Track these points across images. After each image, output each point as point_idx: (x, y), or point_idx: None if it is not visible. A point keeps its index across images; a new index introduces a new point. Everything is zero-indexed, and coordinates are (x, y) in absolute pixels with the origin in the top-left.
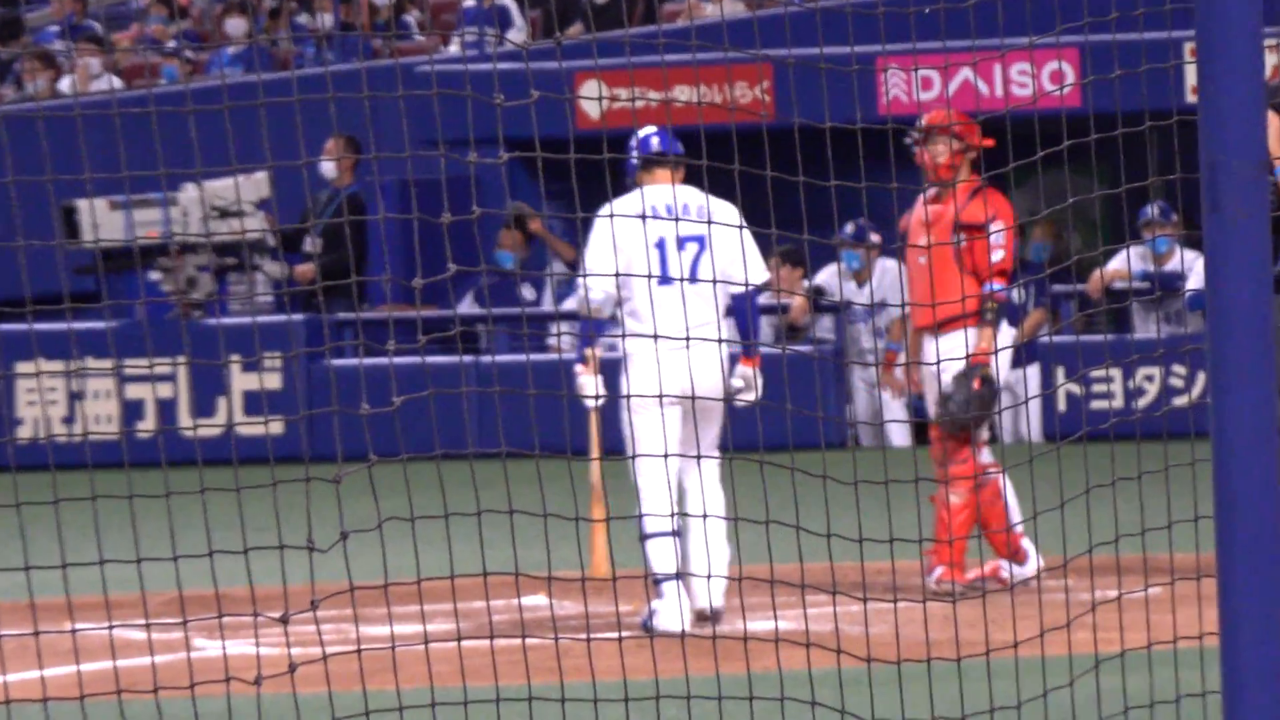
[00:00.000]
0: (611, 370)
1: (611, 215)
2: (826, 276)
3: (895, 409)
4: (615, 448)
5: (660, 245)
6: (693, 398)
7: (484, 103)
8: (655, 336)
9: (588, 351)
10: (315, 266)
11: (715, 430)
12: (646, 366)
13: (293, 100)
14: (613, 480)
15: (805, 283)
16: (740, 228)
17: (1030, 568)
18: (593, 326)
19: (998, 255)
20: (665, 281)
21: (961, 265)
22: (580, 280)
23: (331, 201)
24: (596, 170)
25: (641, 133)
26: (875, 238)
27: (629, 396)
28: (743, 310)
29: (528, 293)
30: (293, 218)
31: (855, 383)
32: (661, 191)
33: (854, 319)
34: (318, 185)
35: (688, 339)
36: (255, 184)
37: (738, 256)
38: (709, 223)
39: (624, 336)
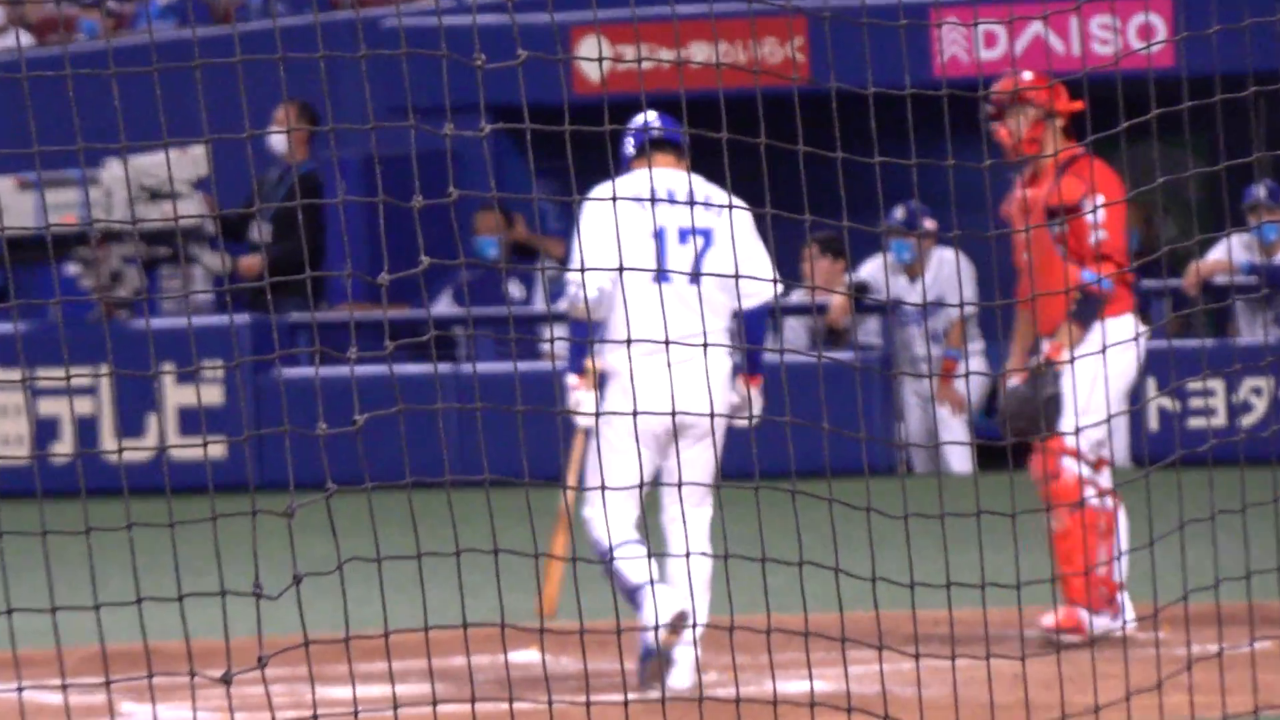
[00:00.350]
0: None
1: (614, 197)
2: (872, 270)
3: (955, 427)
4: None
5: (659, 235)
6: (710, 413)
7: (462, 64)
8: (667, 341)
9: (586, 363)
10: (263, 258)
11: (708, 465)
12: (634, 384)
13: (235, 60)
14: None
15: (847, 277)
16: (763, 212)
17: (1118, 623)
18: (589, 331)
19: (1098, 236)
20: (663, 278)
21: (1067, 255)
22: (569, 275)
23: (282, 181)
24: (596, 143)
25: (640, 118)
26: (929, 224)
27: (626, 413)
28: (755, 324)
29: (515, 290)
30: (237, 201)
31: (907, 397)
32: (663, 176)
33: (905, 321)
34: (266, 162)
35: (705, 344)
36: (192, 160)
37: (752, 260)
38: (729, 206)
39: (628, 342)
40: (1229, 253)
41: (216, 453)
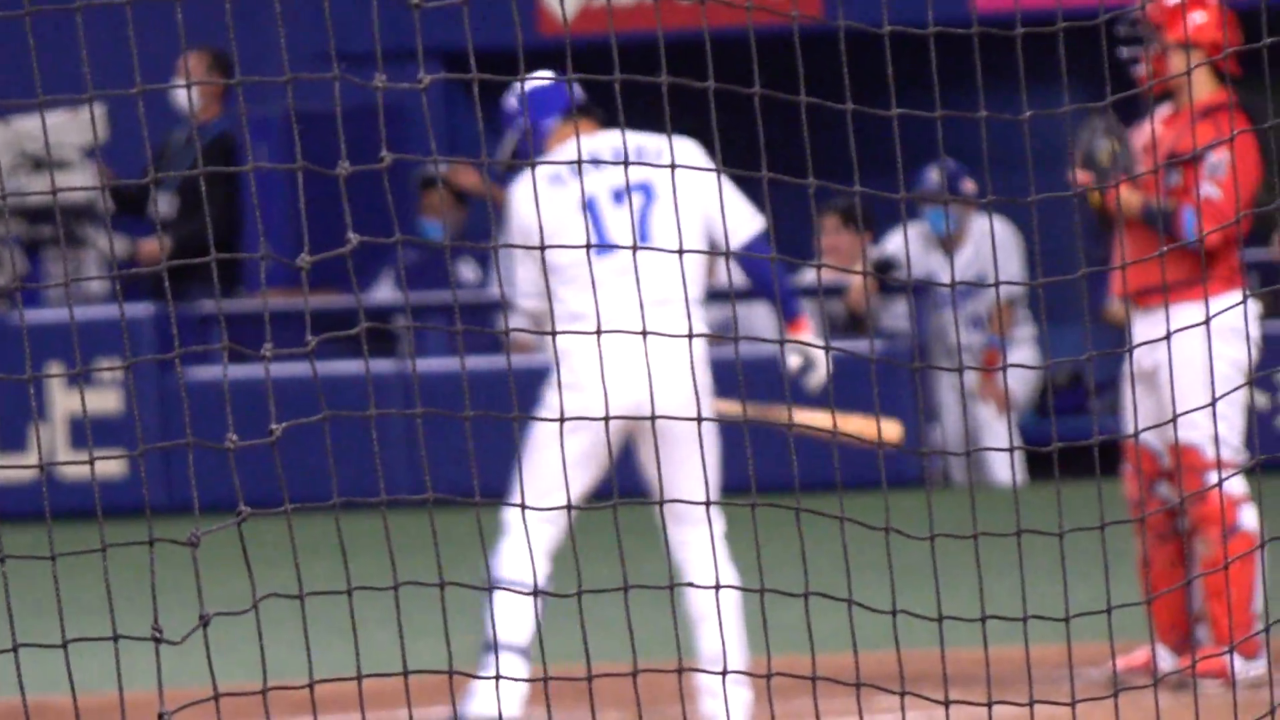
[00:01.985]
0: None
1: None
2: (900, 244)
3: (998, 430)
4: (634, 488)
5: (591, 205)
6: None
7: (397, 1)
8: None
9: None
10: (167, 238)
11: (695, 465)
12: (579, 370)
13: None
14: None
15: (872, 251)
16: (761, 176)
17: (1262, 663)
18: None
19: (1208, 191)
20: (604, 249)
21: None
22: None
23: (190, 145)
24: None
25: (532, 84)
26: (969, 187)
27: (594, 418)
28: (759, 273)
29: (467, 271)
30: (135, 170)
31: (941, 394)
32: (586, 142)
33: (940, 304)
34: (169, 122)
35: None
36: (83, 123)
37: (715, 207)
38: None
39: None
40: None
41: (111, 470)
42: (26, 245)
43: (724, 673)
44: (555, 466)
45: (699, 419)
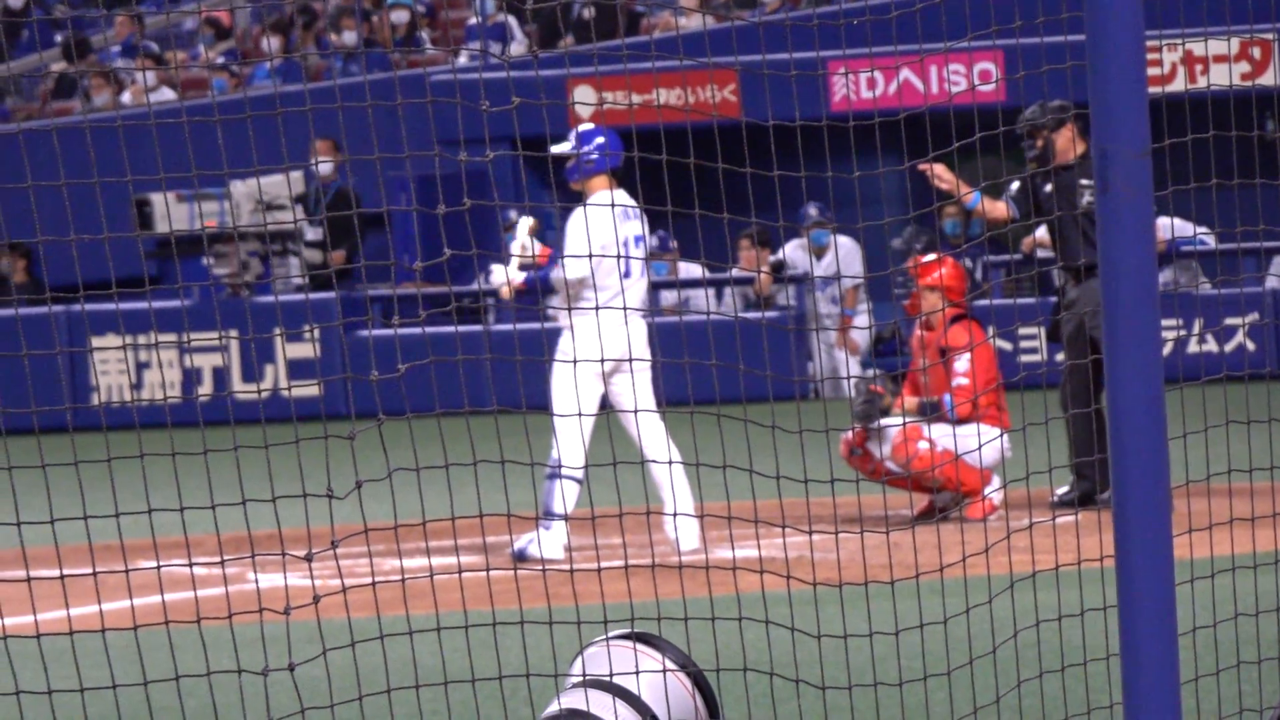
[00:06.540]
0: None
1: (617, 205)
2: (791, 250)
3: (852, 366)
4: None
5: (626, 244)
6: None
7: (471, 108)
8: (641, 305)
9: (513, 279)
10: (342, 252)
11: (647, 390)
12: (589, 334)
13: (306, 110)
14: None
15: (771, 258)
16: (693, 214)
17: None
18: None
19: (959, 380)
20: (628, 273)
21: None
22: (567, 261)
23: (322, 195)
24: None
25: (596, 136)
26: (828, 219)
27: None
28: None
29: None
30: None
31: (814, 343)
32: (620, 196)
33: (813, 289)
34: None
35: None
36: (293, 181)
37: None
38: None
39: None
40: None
41: (309, 392)
42: (261, 256)
43: (675, 514)
44: (575, 391)
45: (654, 360)
